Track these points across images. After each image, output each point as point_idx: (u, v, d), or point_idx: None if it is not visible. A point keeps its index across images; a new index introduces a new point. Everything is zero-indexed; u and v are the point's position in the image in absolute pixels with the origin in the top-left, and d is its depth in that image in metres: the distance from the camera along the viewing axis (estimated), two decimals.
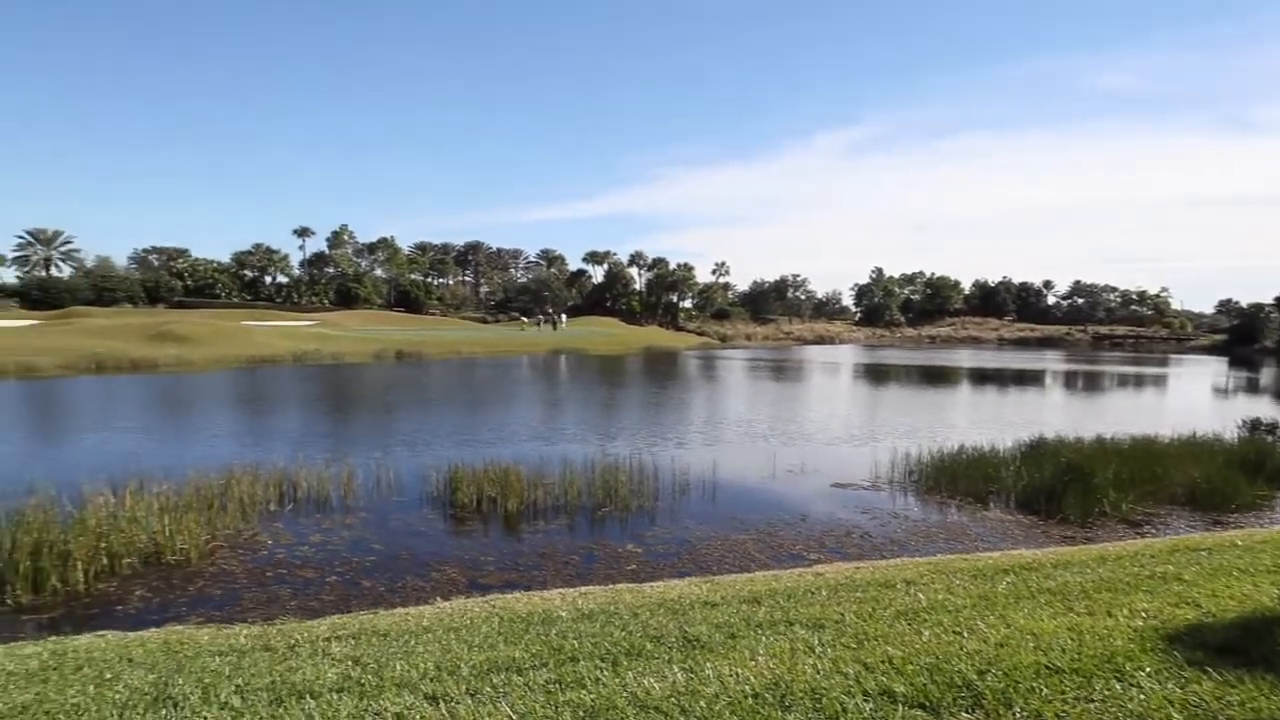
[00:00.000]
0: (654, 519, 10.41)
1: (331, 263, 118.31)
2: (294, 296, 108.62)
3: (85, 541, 7.81)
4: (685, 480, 12.40)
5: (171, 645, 5.20)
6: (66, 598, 7.29)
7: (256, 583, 7.71)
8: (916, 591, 5.94)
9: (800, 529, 9.93)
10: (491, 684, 4.24)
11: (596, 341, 67.03)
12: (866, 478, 13.15)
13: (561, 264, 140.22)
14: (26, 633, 6.36)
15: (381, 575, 7.97)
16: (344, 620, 5.81)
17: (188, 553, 8.39)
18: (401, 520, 10.18)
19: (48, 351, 36.56)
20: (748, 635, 4.95)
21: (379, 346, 49.60)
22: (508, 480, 11.01)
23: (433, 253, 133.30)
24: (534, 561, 8.49)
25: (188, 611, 6.90)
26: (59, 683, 4.45)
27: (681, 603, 5.85)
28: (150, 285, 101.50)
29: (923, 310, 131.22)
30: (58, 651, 5.14)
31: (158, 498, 9.51)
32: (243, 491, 10.60)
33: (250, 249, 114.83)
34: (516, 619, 5.54)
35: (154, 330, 48.08)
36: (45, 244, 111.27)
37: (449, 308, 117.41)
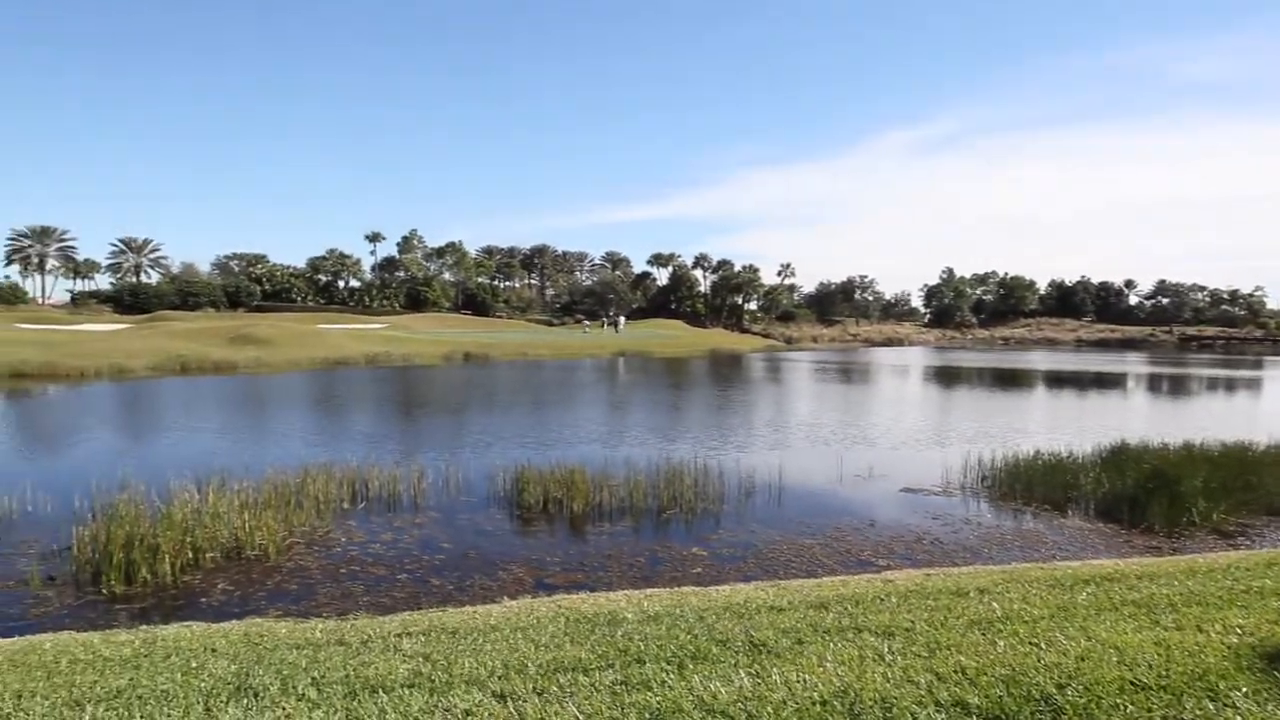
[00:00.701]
0: (719, 522, 10.35)
1: (401, 267, 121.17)
2: (366, 300, 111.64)
3: (172, 535, 8.15)
4: (750, 483, 12.30)
5: (252, 637, 5.38)
6: (155, 588, 7.61)
7: (331, 579, 7.93)
8: (990, 600, 5.76)
9: (868, 534, 9.75)
10: (558, 684, 4.27)
11: (661, 344, 67.07)
12: (937, 482, 12.83)
13: (626, 266, 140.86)
14: (120, 621, 6.67)
15: (450, 574, 8.11)
16: (414, 617, 5.92)
17: (266, 548, 8.67)
18: (470, 520, 10.34)
19: (137, 354, 38.37)
20: (815, 641, 4.87)
21: (447, 349, 50.60)
22: (573, 481, 11.09)
23: (500, 256, 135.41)
24: (599, 563, 8.53)
25: (266, 605, 7.14)
26: (150, 670, 4.65)
27: (748, 607, 5.79)
28: (231, 290, 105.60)
29: (995, 311, 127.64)
30: (148, 640, 5.38)
31: (238, 495, 9.88)
32: (317, 490, 10.94)
33: (324, 254, 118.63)
34: (582, 619, 5.57)
35: (234, 333, 50.04)
36: (136, 251, 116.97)
37: (515, 310, 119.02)
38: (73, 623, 6.63)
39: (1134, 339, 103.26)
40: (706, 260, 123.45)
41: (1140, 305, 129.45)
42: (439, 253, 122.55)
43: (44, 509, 10.46)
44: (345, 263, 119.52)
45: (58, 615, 6.89)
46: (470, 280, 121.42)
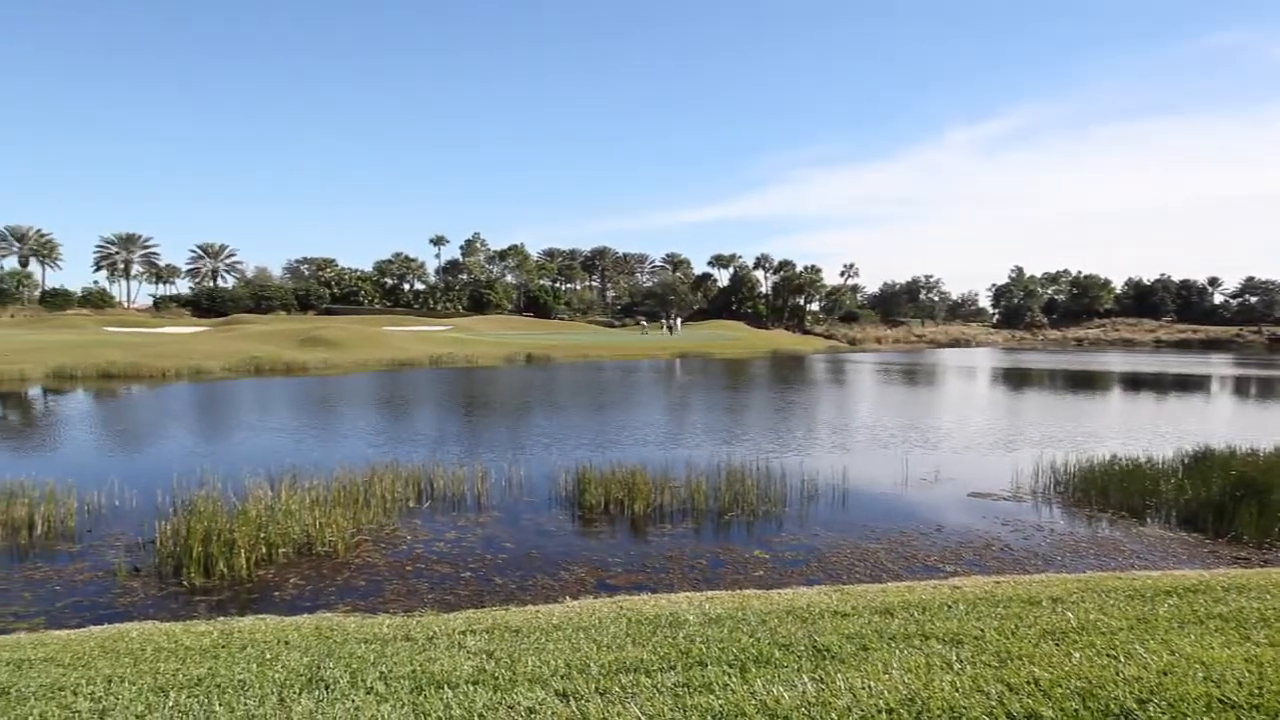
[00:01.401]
0: (781, 525, 10.25)
1: (465, 269, 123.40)
2: (430, 302, 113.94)
3: (247, 531, 8.43)
4: (813, 486, 12.16)
5: (322, 631, 5.53)
6: (232, 582, 7.89)
7: (397, 575, 8.10)
8: (1064, 610, 5.57)
9: (935, 539, 9.54)
10: (620, 684, 4.28)
11: (722, 345, 66.75)
12: (1006, 487, 12.48)
13: (687, 268, 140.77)
14: (199, 612, 6.94)
15: (513, 573, 8.21)
16: (478, 615, 6.01)
17: (335, 545, 8.91)
18: (532, 520, 10.45)
19: (214, 356, 39.86)
20: (880, 647, 4.79)
21: (510, 350, 51.28)
22: (634, 483, 11.12)
23: (561, 259, 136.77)
24: (660, 564, 8.53)
25: (335, 600, 7.33)
26: (228, 660, 4.82)
27: (811, 611, 5.72)
28: (301, 293, 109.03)
29: (1068, 311, 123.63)
30: (225, 631, 5.57)
31: (309, 492, 10.19)
32: (384, 488, 11.19)
33: (390, 258, 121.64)
34: (644, 621, 5.57)
35: (305, 335, 51.58)
36: (213, 257, 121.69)
37: (576, 312, 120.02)
38: (156, 612, 6.93)
39: (1218, 340, 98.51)
40: (768, 261, 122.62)
41: (1225, 304, 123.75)
42: (501, 255, 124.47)
43: (130, 504, 10.93)
44: (410, 266, 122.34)
45: (142, 605, 7.20)
46: (532, 282, 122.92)
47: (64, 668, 4.78)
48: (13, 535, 9.40)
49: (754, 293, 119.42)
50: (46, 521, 9.71)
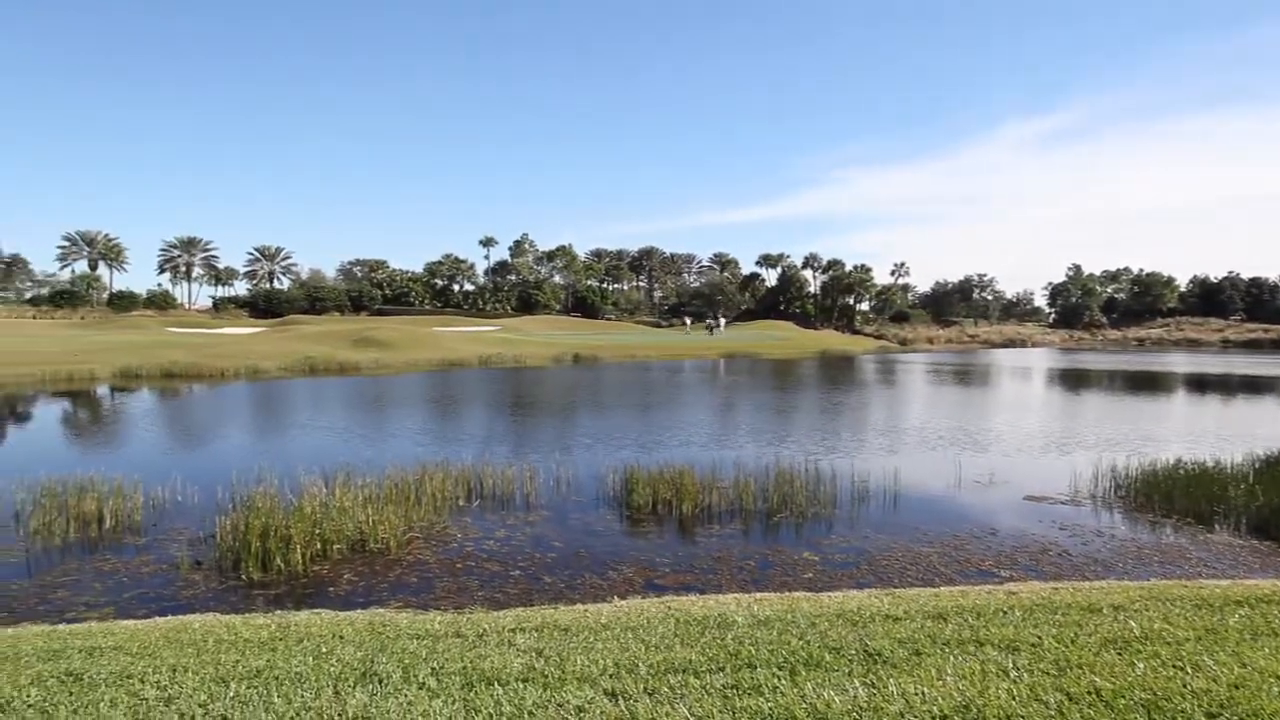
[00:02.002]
0: (831, 527, 10.13)
1: (513, 270, 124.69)
2: (479, 303, 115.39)
3: (303, 527, 8.62)
4: (864, 488, 12.00)
5: (375, 626, 5.63)
6: (288, 576, 8.07)
7: (448, 573, 8.21)
8: (1127, 619, 5.40)
9: (989, 543, 9.33)
10: (669, 685, 4.27)
11: (770, 345, 66.32)
12: (1064, 491, 12.16)
13: (734, 268, 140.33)
14: (257, 605, 7.12)
15: (561, 572, 8.25)
16: (527, 613, 6.06)
17: (388, 542, 9.06)
18: (580, 519, 10.50)
19: (270, 356, 40.88)
20: (933, 653, 4.70)
21: (558, 350, 51.65)
22: (682, 483, 11.10)
23: (608, 259, 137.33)
24: (708, 565, 8.50)
25: (388, 596, 7.46)
26: (285, 652, 4.94)
27: (861, 614, 5.65)
28: (354, 294, 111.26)
29: (1129, 310, 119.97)
30: (283, 625, 5.71)
31: (362, 490, 10.38)
32: (435, 487, 11.35)
33: (440, 259, 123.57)
34: (692, 621, 5.56)
35: (357, 336, 52.61)
36: (269, 259, 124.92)
37: (624, 312, 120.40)
38: (216, 605, 7.12)
39: None
40: (816, 260, 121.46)
41: None
42: (549, 256, 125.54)
43: (192, 499, 11.27)
44: (460, 267, 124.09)
45: (204, 598, 7.41)
46: (579, 283, 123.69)
47: (132, 656, 4.95)
48: (84, 528, 9.76)
49: (802, 292, 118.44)
50: (115, 516, 10.06)
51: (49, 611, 7.04)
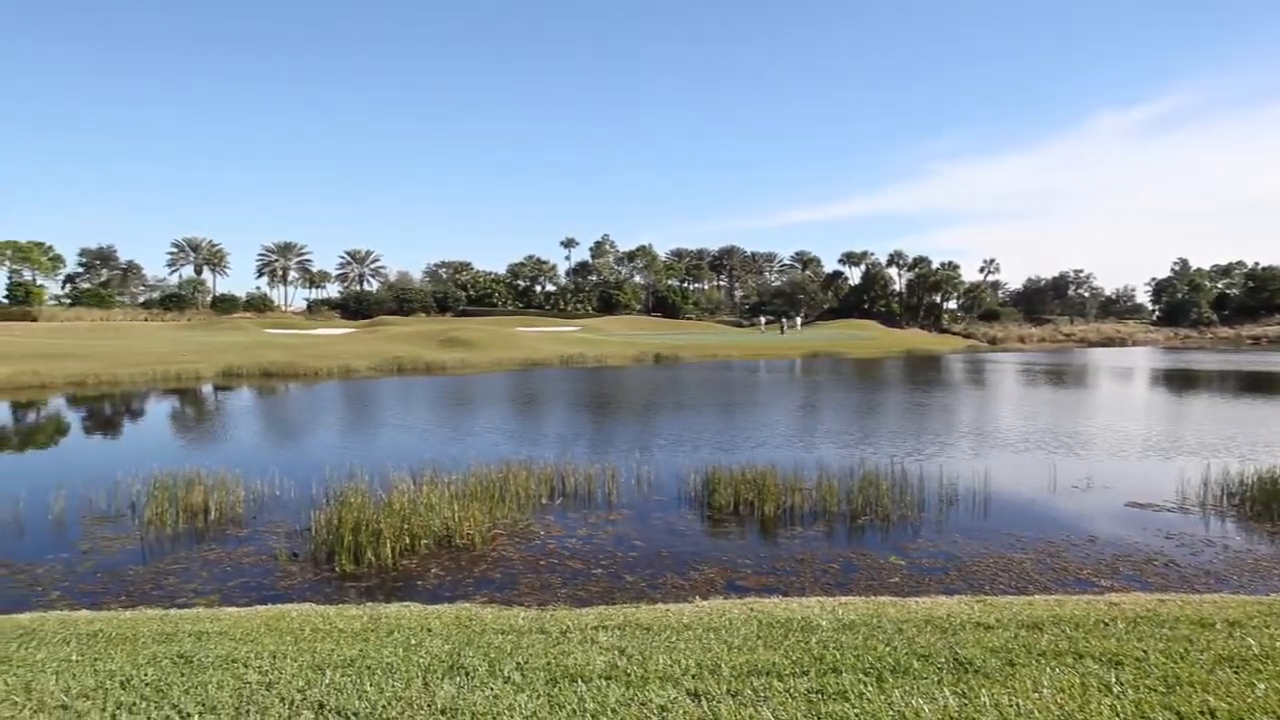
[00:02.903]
0: (918, 530, 9.87)
1: (594, 271, 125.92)
2: (561, 303, 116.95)
3: (392, 523, 8.89)
4: (952, 491, 11.65)
5: (462, 620, 5.76)
6: (378, 570, 8.33)
7: (531, 570, 8.33)
8: (1244, 635, 5.08)
9: (1088, 551, 8.92)
10: (752, 687, 4.24)
11: (853, 344, 65.11)
12: (1170, 497, 11.53)
13: (816, 266, 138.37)
14: (350, 597, 7.37)
15: (643, 571, 8.28)
16: (609, 611, 6.09)
17: (473, 538, 9.25)
18: (661, 519, 10.51)
19: (361, 356, 42.32)
20: (1028, 664, 4.53)
21: (638, 350, 51.87)
22: (764, 483, 10.99)
23: (688, 259, 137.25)
24: (791, 567, 8.39)
25: (473, 591, 7.61)
26: (376, 643, 5.11)
27: (951, 622, 5.48)
28: (440, 296, 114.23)
29: (1243, 307, 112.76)
30: (374, 616, 5.90)
31: (448, 487, 10.62)
32: (518, 485, 11.53)
33: (522, 260, 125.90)
34: (775, 624, 5.50)
35: (443, 336, 54.00)
36: (359, 262, 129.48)
37: (704, 312, 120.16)
38: (312, 595, 7.42)
39: None
40: (901, 258, 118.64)
41: None
42: (630, 256, 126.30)
43: (289, 493, 11.75)
44: (542, 268, 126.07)
45: (300, 588, 7.72)
46: (660, 283, 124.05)
47: (235, 642, 5.19)
48: (191, 519, 10.30)
49: (887, 291, 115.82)
50: (219, 508, 10.58)
51: (162, 596, 7.46)
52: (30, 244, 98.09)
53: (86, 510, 10.83)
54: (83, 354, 40.36)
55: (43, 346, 44.02)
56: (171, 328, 74.71)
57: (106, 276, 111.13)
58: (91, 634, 5.46)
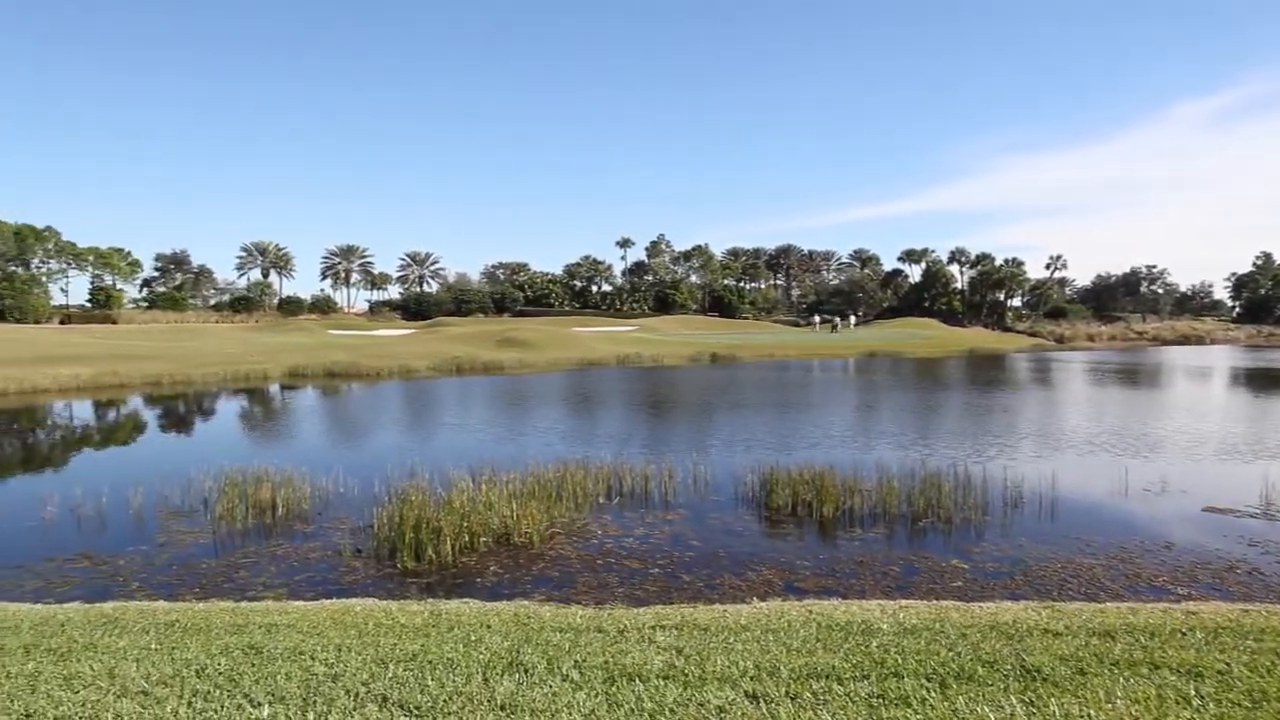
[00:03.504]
0: (981, 534, 9.64)
1: (650, 271, 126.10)
2: (617, 303, 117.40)
3: (452, 520, 9.03)
4: (1017, 493, 11.34)
5: (521, 618, 5.81)
6: (438, 567, 8.47)
7: (589, 568, 8.37)
8: None
9: (1163, 558, 8.59)
10: (811, 690, 4.19)
11: (913, 344, 63.90)
12: (1253, 502, 11.04)
13: (875, 264, 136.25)
14: (411, 593, 7.51)
15: (700, 571, 8.25)
16: (666, 611, 6.09)
17: (531, 537, 9.34)
18: (718, 519, 10.47)
19: (420, 356, 43.10)
20: (1100, 673, 4.38)
21: (694, 350, 51.76)
22: (823, 484, 10.85)
23: (745, 258, 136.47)
24: (850, 569, 8.27)
25: (531, 589, 7.68)
26: (437, 639, 5.19)
27: (1017, 628, 5.34)
28: (497, 296, 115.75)
29: None
30: (435, 612, 6.00)
31: (506, 486, 10.75)
32: (575, 484, 11.60)
33: (579, 260, 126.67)
34: (834, 627, 5.42)
35: (500, 336, 54.67)
36: (419, 264, 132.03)
37: (761, 311, 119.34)
38: (375, 591, 7.57)
39: None
40: (964, 255, 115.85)
41: None
42: (685, 256, 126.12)
43: (351, 491, 12.03)
44: (598, 268, 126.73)
45: (363, 584, 7.90)
46: (716, 282, 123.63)
47: (303, 634, 5.34)
48: (260, 515, 10.62)
49: (948, 288, 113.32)
50: (286, 504, 10.89)
51: (233, 589, 7.71)
52: (111, 250, 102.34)
53: (163, 505, 11.26)
54: (158, 355, 41.98)
55: (122, 348, 45.93)
56: (240, 329, 77.19)
57: (180, 280, 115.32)
58: (169, 624, 5.68)
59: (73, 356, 39.16)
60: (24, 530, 10.22)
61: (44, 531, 10.10)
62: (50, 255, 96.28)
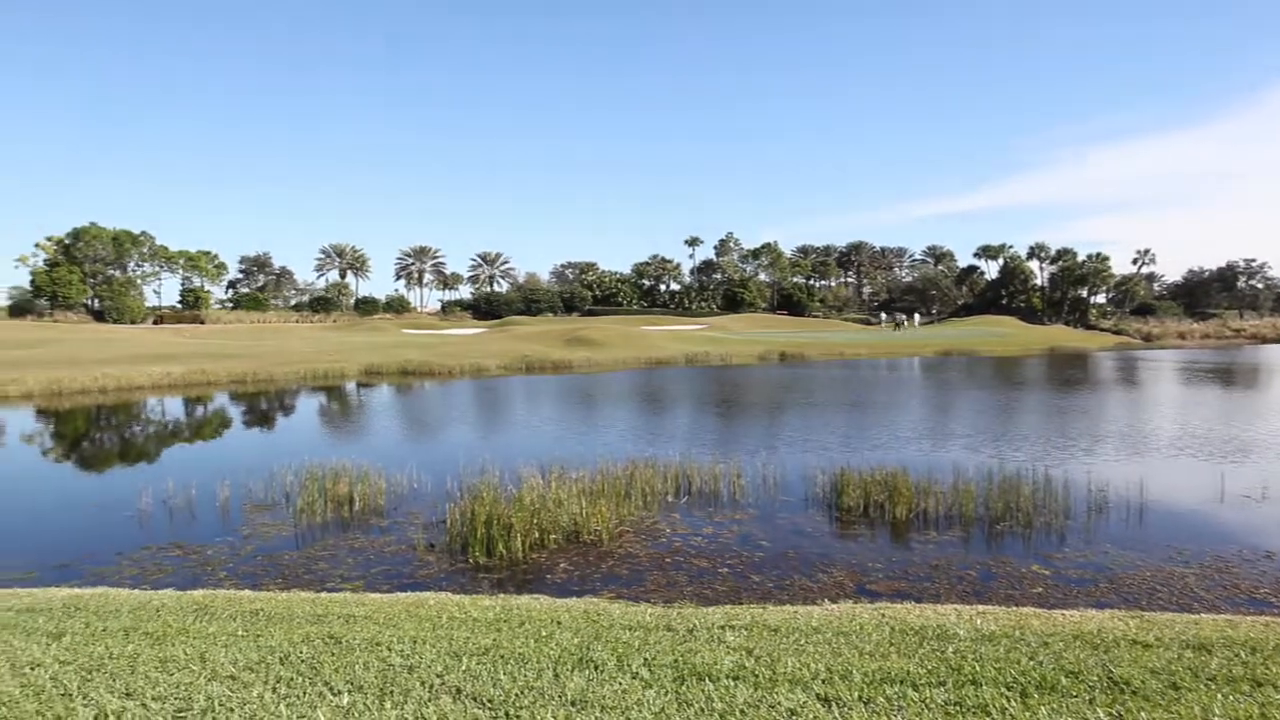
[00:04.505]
0: (1063, 539, 9.29)
1: (718, 269, 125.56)
2: (685, 302, 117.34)
3: (522, 517, 9.15)
4: (1102, 498, 10.91)
5: (590, 615, 5.84)
6: (509, 562, 8.59)
7: (657, 566, 8.38)
8: None
9: (1264, 568, 8.14)
10: (885, 695, 4.09)
11: (990, 342, 62.13)
12: None
13: (949, 260, 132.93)
14: (482, 587, 7.64)
15: (769, 571, 8.17)
16: (736, 611, 6.04)
17: (600, 534, 9.40)
18: (788, 519, 10.35)
19: (491, 355, 43.82)
20: (1195, 688, 4.16)
21: (763, 348, 51.36)
22: (895, 486, 10.63)
23: (815, 255, 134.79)
24: (924, 573, 8.08)
25: (600, 586, 7.73)
26: (509, 633, 5.25)
27: (1103, 638, 5.12)
28: (566, 296, 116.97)
29: None
30: (506, 607, 6.08)
31: (575, 483, 10.82)
32: (644, 482, 11.63)
33: (647, 260, 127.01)
34: (908, 631, 5.30)
35: (569, 335, 55.16)
36: (490, 264, 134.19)
37: (831, 309, 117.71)
38: (447, 585, 7.73)
39: None
40: (1044, 250, 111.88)
41: None
42: (754, 254, 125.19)
43: (425, 486, 12.30)
44: (666, 267, 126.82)
45: (436, 578, 8.06)
46: (785, 280, 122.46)
47: (379, 626, 5.47)
48: (338, 509, 10.95)
49: (1027, 285, 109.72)
50: (362, 499, 11.20)
51: (313, 580, 7.97)
52: (199, 253, 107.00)
53: (247, 498, 11.71)
54: (243, 354, 43.70)
55: (209, 347, 47.98)
56: (319, 329, 79.80)
57: (263, 282, 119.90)
58: (254, 612, 5.90)
59: (165, 355, 41.11)
60: (123, 520, 10.76)
61: (140, 521, 10.62)
62: (145, 259, 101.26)
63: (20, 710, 4.01)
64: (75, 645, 5.09)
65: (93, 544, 9.56)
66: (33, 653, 4.92)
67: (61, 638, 5.27)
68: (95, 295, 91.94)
